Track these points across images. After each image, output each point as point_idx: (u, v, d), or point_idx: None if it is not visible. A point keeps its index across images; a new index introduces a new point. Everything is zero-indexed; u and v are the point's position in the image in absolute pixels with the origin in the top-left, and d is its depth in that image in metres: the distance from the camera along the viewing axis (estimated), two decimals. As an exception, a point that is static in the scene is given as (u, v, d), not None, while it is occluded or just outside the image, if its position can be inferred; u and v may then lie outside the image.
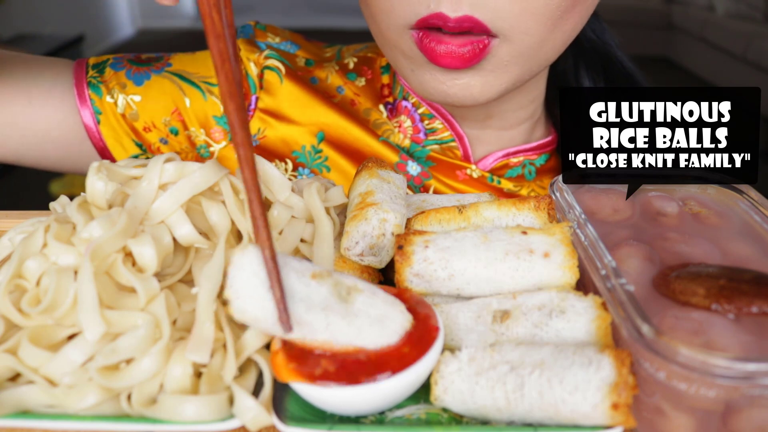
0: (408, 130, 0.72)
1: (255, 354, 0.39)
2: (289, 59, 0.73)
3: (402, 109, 0.72)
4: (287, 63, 0.72)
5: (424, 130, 0.72)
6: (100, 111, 0.67)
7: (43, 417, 0.36)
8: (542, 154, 0.74)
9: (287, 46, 0.74)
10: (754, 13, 4.41)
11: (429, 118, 0.72)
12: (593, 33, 0.78)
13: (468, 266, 0.41)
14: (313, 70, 0.74)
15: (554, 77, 0.75)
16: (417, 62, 0.58)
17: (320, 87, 0.73)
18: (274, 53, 0.72)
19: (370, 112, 0.73)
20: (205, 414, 0.36)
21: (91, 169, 0.43)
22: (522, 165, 0.73)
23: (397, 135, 0.72)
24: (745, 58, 4.18)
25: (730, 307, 0.38)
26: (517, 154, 0.73)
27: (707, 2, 4.87)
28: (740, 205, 0.50)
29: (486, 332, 0.40)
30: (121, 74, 0.68)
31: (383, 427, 0.37)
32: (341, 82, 0.74)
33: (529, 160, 0.74)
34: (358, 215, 0.44)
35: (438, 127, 0.71)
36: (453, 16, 0.53)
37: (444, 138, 0.72)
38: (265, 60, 0.71)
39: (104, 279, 0.39)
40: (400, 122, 0.72)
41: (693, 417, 0.36)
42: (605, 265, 0.41)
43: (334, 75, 0.74)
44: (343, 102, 0.73)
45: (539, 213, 0.47)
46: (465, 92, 0.58)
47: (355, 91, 0.73)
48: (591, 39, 0.78)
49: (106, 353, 0.36)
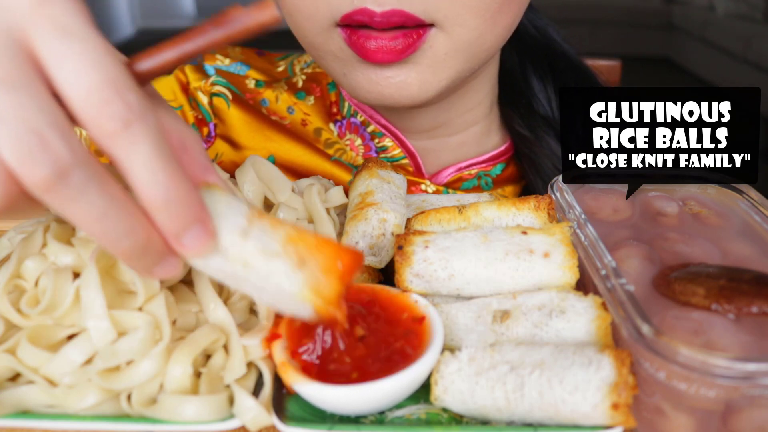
0: (359, 149, 0.71)
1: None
2: (238, 83, 0.73)
3: (351, 128, 0.72)
4: (234, 89, 0.72)
5: (375, 148, 0.71)
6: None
7: (43, 417, 0.36)
8: (497, 164, 0.73)
9: (237, 68, 0.74)
10: (754, 13, 4.41)
11: (378, 136, 0.71)
12: (536, 30, 0.77)
13: (468, 266, 0.41)
14: (263, 92, 0.73)
15: (501, 76, 0.74)
16: (349, 63, 0.55)
17: (271, 109, 0.73)
18: (221, 79, 0.72)
19: (321, 132, 0.72)
20: (205, 414, 0.36)
21: None
22: (477, 177, 0.72)
23: (349, 153, 0.71)
24: (745, 58, 4.18)
25: (730, 307, 0.38)
26: (470, 167, 0.72)
27: (707, 2, 4.87)
28: (740, 205, 0.50)
29: (486, 332, 0.40)
30: None
31: (383, 427, 0.37)
32: (291, 102, 0.73)
33: (484, 171, 0.72)
34: (358, 215, 0.44)
35: (388, 145, 0.71)
36: (379, 11, 0.49)
37: (395, 155, 0.71)
38: (212, 87, 0.71)
39: (104, 279, 0.39)
40: (351, 140, 0.71)
41: (693, 417, 0.36)
42: (605, 265, 0.41)
43: (283, 95, 0.73)
44: (294, 123, 0.72)
45: (539, 213, 0.47)
46: (402, 91, 0.55)
47: (305, 110, 0.73)
48: (533, 35, 0.76)
49: (106, 356, 0.36)
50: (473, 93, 0.68)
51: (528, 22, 0.76)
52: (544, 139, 0.70)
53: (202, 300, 0.41)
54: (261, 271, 0.34)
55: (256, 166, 0.46)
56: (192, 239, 0.32)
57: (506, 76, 0.74)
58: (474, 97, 0.68)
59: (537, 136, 0.70)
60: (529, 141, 0.70)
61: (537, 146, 0.70)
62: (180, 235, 0.32)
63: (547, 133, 0.71)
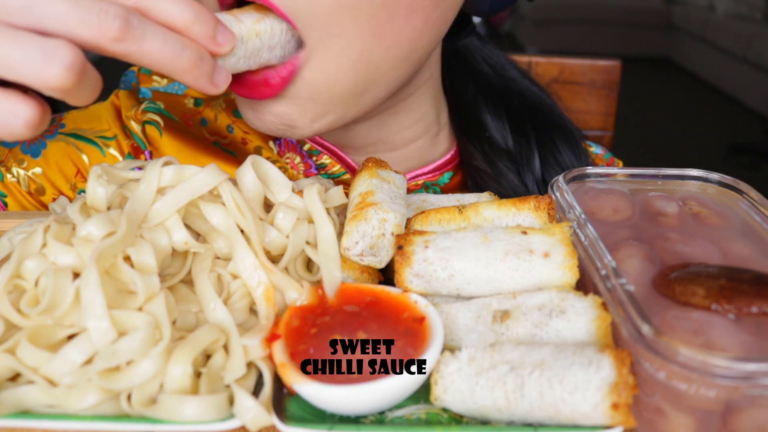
0: (299, 166, 0.70)
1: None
2: (176, 104, 0.71)
3: (289, 146, 0.70)
4: (167, 114, 0.70)
5: (315, 165, 0.70)
6: (5, 194, 0.65)
7: (43, 417, 0.36)
8: (444, 173, 0.72)
9: (174, 88, 0.72)
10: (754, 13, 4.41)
11: (316, 154, 0.70)
12: (491, 68, 0.76)
13: (468, 266, 0.41)
14: (203, 111, 0.71)
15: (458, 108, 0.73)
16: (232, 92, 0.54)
17: (211, 128, 0.71)
18: (153, 105, 0.69)
19: (261, 150, 0.70)
20: (205, 414, 0.36)
21: (92, 174, 0.43)
22: (424, 187, 0.71)
23: (290, 171, 0.70)
24: (745, 58, 4.18)
25: (730, 307, 0.38)
26: (416, 178, 0.70)
27: (707, 2, 4.87)
28: (740, 205, 0.50)
29: (486, 332, 0.40)
30: (16, 150, 0.67)
31: (383, 427, 0.37)
32: (230, 121, 0.71)
33: (431, 181, 0.71)
34: (358, 215, 0.44)
35: (326, 162, 0.70)
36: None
37: (335, 172, 0.70)
38: (143, 115, 0.69)
39: (104, 279, 0.39)
40: (291, 159, 0.70)
41: (693, 417, 0.36)
42: (605, 265, 0.41)
43: (222, 114, 0.71)
44: (234, 141, 0.70)
45: (539, 213, 0.47)
46: (285, 121, 0.54)
47: (244, 129, 0.71)
48: (487, 73, 0.75)
49: (105, 356, 0.36)
50: (406, 113, 0.66)
51: (483, 59, 0.76)
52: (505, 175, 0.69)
53: (202, 300, 0.41)
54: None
55: (256, 166, 0.46)
56: (223, 36, 0.43)
57: (463, 107, 0.73)
58: (407, 117, 0.67)
59: (496, 171, 0.69)
60: (487, 175, 0.69)
61: (494, 181, 0.69)
62: (213, 35, 0.42)
63: (509, 168, 0.70)
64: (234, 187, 0.44)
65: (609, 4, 5.12)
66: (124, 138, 0.69)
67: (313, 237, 0.45)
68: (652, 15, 5.20)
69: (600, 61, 1.04)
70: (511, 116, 0.73)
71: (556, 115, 0.76)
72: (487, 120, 0.72)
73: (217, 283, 0.42)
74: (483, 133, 0.71)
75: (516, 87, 0.75)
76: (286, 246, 0.44)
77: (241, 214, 0.43)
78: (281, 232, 0.44)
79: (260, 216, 0.45)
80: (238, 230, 0.43)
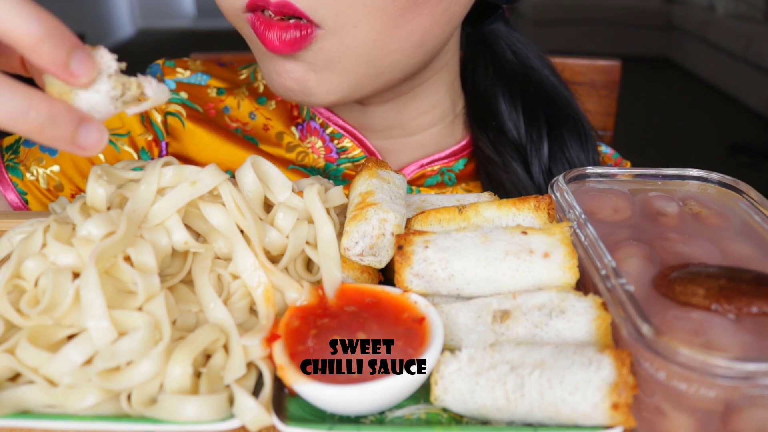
0: (320, 151, 0.72)
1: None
2: (199, 93, 0.74)
3: (312, 130, 0.73)
4: (191, 105, 0.72)
5: (336, 150, 0.72)
6: (25, 192, 0.67)
7: (43, 417, 0.36)
8: (459, 159, 0.73)
9: (198, 78, 0.75)
10: (754, 13, 4.41)
11: (338, 137, 0.72)
12: (513, 55, 0.77)
13: (468, 266, 0.41)
14: (225, 99, 0.74)
15: (474, 94, 0.74)
16: (259, 50, 0.58)
17: (233, 116, 0.73)
18: (177, 96, 0.72)
19: (283, 135, 0.73)
20: (205, 414, 0.36)
21: (92, 174, 0.43)
22: (440, 173, 0.73)
23: (311, 156, 0.72)
24: (745, 58, 4.18)
25: (730, 307, 0.38)
26: (432, 164, 0.72)
27: (707, 2, 4.87)
28: (740, 205, 0.50)
29: (486, 332, 0.40)
30: (35, 149, 0.69)
31: (383, 427, 0.37)
32: (253, 108, 0.74)
33: (447, 167, 0.73)
34: (358, 215, 0.44)
35: (348, 146, 0.72)
36: (273, 0, 0.52)
37: (356, 155, 0.72)
38: (165, 106, 0.71)
39: (104, 279, 0.39)
40: (312, 143, 0.73)
41: (693, 417, 0.36)
42: (605, 265, 0.41)
43: (245, 101, 0.74)
44: (256, 128, 0.73)
45: (539, 213, 0.47)
46: (302, 86, 0.57)
47: (266, 115, 0.74)
48: (510, 60, 0.76)
49: (105, 356, 0.36)
50: (422, 99, 0.69)
51: (507, 46, 0.76)
52: (511, 165, 0.71)
53: (202, 300, 0.41)
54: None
55: (256, 166, 0.46)
56: (79, 64, 0.33)
57: (478, 95, 0.74)
58: (424, 102, 0.69)
59: (504, 160, 0.71)
60: (496, 164, 0.71)
61: (502, 170, 0.70)
62: (67, 62, 0.33)
63: (514, 159, 0.71)
64: (234, 187, 0.44)
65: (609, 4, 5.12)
66: (137, 134, 0.71)
67: (313, 237, 0.45)
68: (652, 15, 5.20)
69: (600, 61, 1.04)
70: (526, 105, 0.74)
71: (571, 109, 0.76)
72: (501, 107, 0.74)
73: (217, 283, 0.42)
74: (492, 122, 0.73)
75: (535, 76, 0.76)
76: (286, 246, 0.44)
77: (241, 215, 0.43)
78: (281, 233, 0.44)
79: (260, 216, 0.45)
80: (238, 230, 0.43)
